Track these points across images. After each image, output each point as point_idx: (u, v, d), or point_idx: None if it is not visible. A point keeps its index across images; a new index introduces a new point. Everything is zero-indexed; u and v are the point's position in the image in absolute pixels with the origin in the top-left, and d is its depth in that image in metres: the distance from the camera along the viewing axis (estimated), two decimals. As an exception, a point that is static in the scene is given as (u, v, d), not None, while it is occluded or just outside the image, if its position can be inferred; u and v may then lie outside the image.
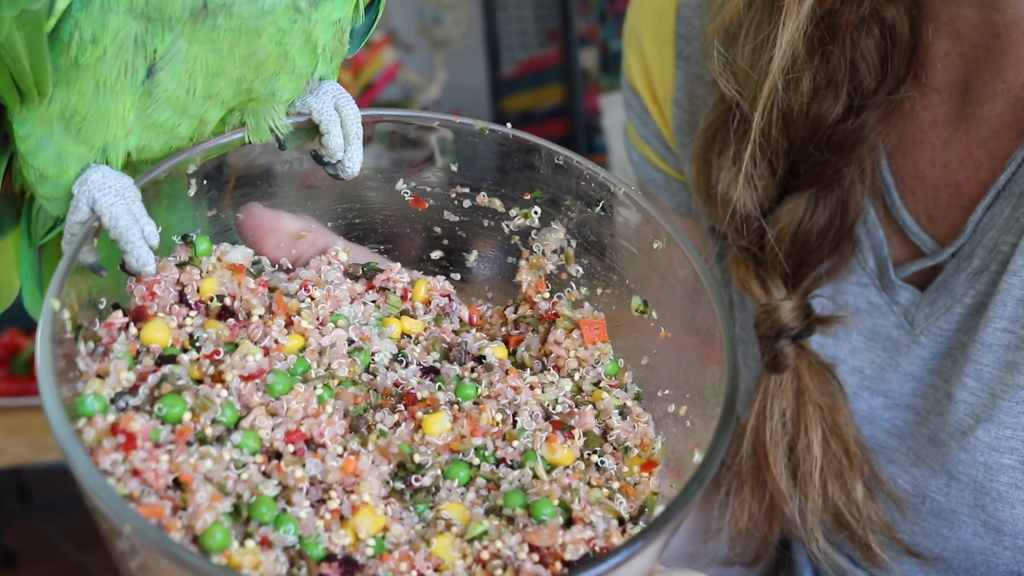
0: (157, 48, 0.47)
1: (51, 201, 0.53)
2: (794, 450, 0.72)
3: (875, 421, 0.75)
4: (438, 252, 0.59)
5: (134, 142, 0.51)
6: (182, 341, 0.49)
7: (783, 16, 0.65)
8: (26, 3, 0.45)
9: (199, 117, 0.51)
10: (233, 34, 0.48)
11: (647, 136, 0.85)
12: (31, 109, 0.50)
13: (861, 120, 0.68)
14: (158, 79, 0.48)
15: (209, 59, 0.48)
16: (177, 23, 0.46)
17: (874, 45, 0.67)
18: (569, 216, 0.57)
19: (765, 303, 0.71)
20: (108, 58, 0.47)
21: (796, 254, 0.70)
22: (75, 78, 0.48)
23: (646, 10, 0.84)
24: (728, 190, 0.70)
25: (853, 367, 0.75)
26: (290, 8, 0.48)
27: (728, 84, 0.69)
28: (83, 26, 0.46)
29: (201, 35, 0.47)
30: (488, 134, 0.57)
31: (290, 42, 0.50)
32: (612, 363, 0.54)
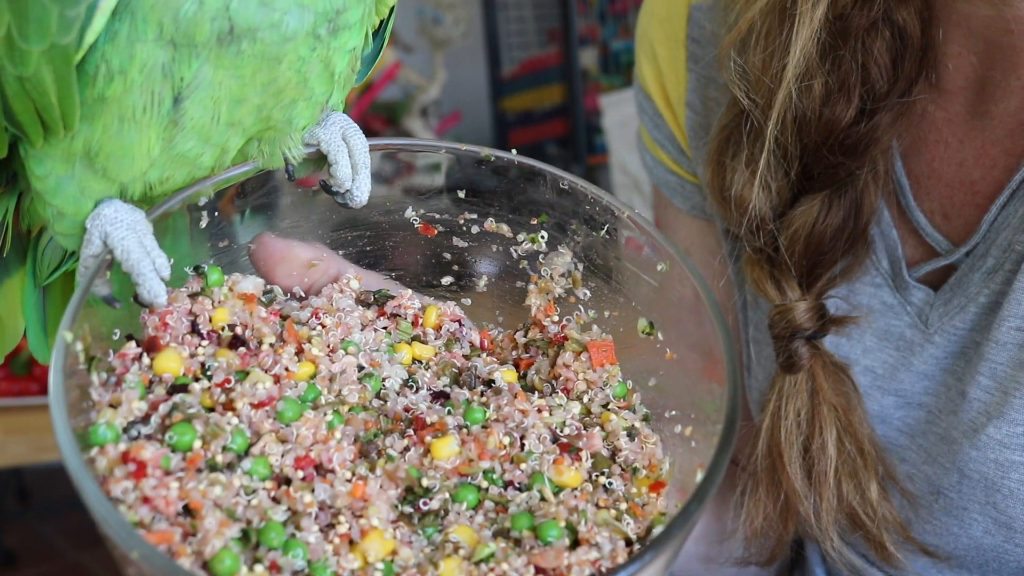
0: (184, 76, 0.48)
1: (66, 237, 0.54)
2: (809, 450, 0.72)
3: (887, 420, 0.75)
4: (448, 278, 0.60)
5: (156, 175, 0.52)
6: (194, 370, 0.49)
7: (796, 24, 0.66)
8: (55, 37, 0.46)
9: (221, 146, 0.52)
10: (256, 60, 0.48)
11: (660, 139, 0.85)
12: (53, 145, 0.50)
13: (874, 122, 0.68)
14: (184, 107, 0.49)
15: (233, 86, 0.49)
16: (204, 49, 0.47)
17: (885, 48, 0.67)
18: (575, 240, 0.58)
19: (780, 304, 0.72)
20: (135, 89, 0.48)
21: (810, 255, 0.71)
22: (100, 112, 0.49)
23: (657, 14, 0.84)
24: (742, 192, 0.71)
25: (865, 367, 0.75)
26: (310, 36, 0.49)
27: (743, 92, 0.70)
28: (110, 58, 0.47)
29: (226, 61, 0.48)
30: (494, 161, 0.58)
31: (309, 69, 0.51)
32: (620, 385, 0.54)
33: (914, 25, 0.67)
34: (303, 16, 0.48)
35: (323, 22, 0.49)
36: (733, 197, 0.71)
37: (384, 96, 2.88)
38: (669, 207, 0.88)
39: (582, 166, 2.93)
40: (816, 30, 0.66)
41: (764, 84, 0.69)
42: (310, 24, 0.49)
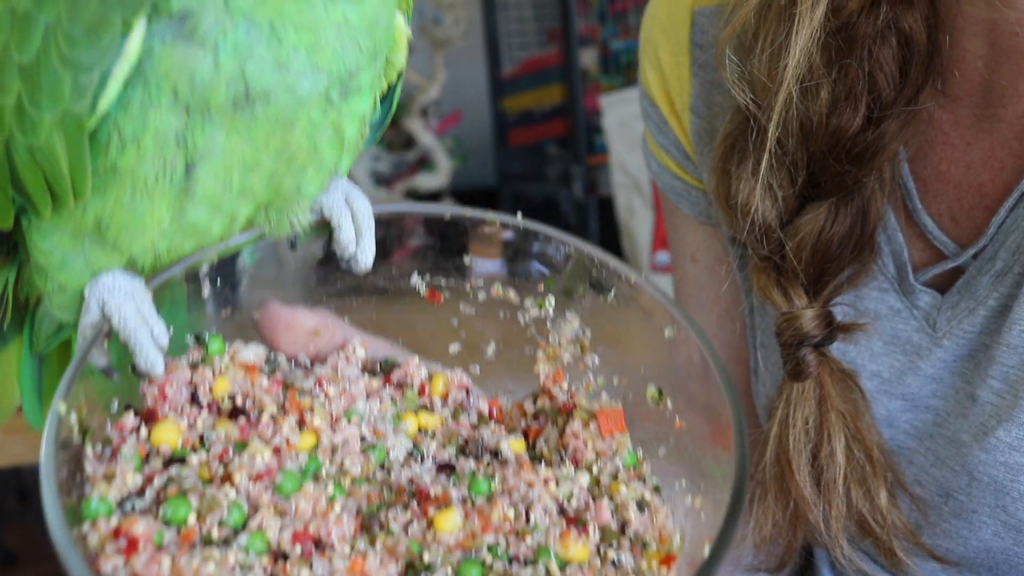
0: (197, 142, 0.47)
1: (64, 309, 0.53)
2: (817, 457, 0.72)
3: (894, 424, 0.75)
4: (456, 345, 0.59)
5: (165, 245, 0.51)
6: (193, 441, 0.49)
7: (796, 24, 0.65)
8: (68, 104, 0.45)
9: (231, 214, 0.51)
10: (269, 124, 0.48)
11: (665, 145, 0.85)
12: (63, 218, 0.50)
13: (881, 130, 0.68)
14: (196, 176, 0.48)
15: (245, 152, 0.49)
16: (218, 114, 0.47)
17: (892, 55, 0.67)
18: (583, 305, 0.57)
19: (787, 312, 0.71)
20: (147, 158, 0.47)
21: (817, 263, 0.70)
22: (112, 182, 0.48)
23: (661, 19, 0.84)
24: (748, 200, 0.70)
25: (872, 372, 0.75)
26: (323, 99, 0.49)
27: (743, 93, 0.70)
28: (122, 126, 0.47)
29: (240, 126, 0.48)
30: (499, 225, 0.57)
31: (320, 134, 0.51)
32: (631, 454, 0.53)
33: (920, 31, 0.67)
34: (316, 78, 0.48)
35: (335, 84, 0.49)
36: (739, 205, 0.71)
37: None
38: (676, 213, 0.87)
39: (582, 166, 2.93)
40: (817, 31, 0.65)
41: (766, 86, 0.68)
42: (323, 86, 0.48)
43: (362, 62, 0.50)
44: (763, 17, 0.68)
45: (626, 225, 2.46)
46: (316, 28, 0.47)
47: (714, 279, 0.85)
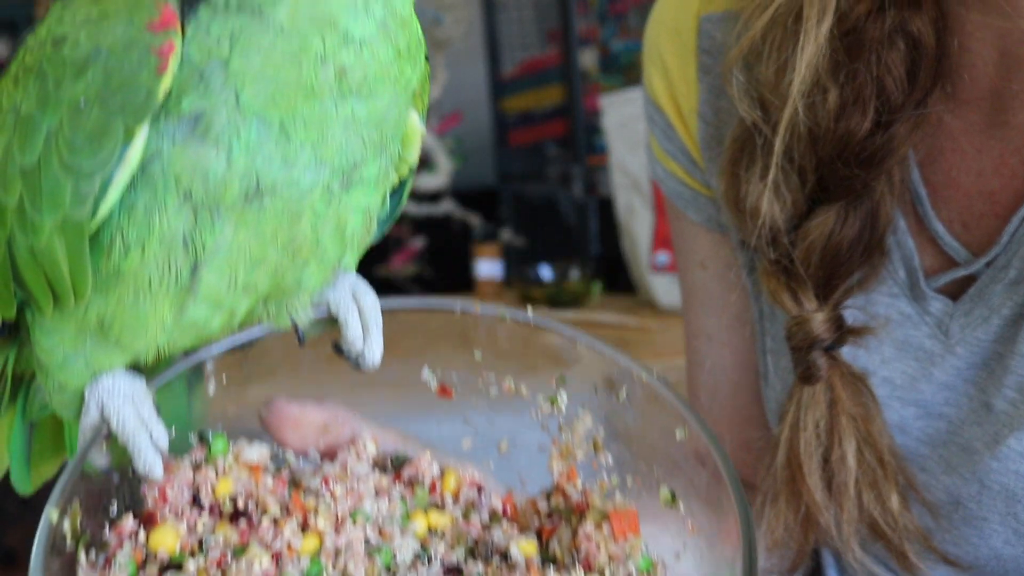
0: (206, 242, 0.47)
1: (64, 407, 0.53)
2: (828, 461, 0.72)
3: (906, 430, 0.75)
4: (468, 440, 0.59)
5: (164, 341, 0.51)
6: (192, 545, 0.48)
7: (801, 40, 0.65)
8: (68, 210, 0.45)
9: (231, 310, 0.51)
10: (275, 218, 0.48)
11: (672, 151, 0.85)
12: (64, 317, 0.49)
13: (890, 134, 0.67)
14: (201, 275, 0.48)
15: (252, 247, 0.48)
16: (227, 210, 0.47)
17: (900, 59, 0.67)
18: (596, 402, 0.57)
19: (797, 315, 0.71)
20: (152, 261, 0.47)
21: (827, 266, 0.70)
22: (115, 284, 0.48)
23: (666, 25, 0.83)
24: (757, 204, 0.70)
25: (884, 377, 0.75)
26: (325, 190, 0.49)
27: (748, 108, 0.69)
28: (126, 230, 0.46)
29: (247, 220, 0.47)
30: (510, 321, 0.57)
31: (323, 227, 0.50)
32: (645, 559, 0.52)
33: (929, 35, 0.67)
34: (319, 171, 0.48)
35: (337, 176, 0.49)
36: (748, 209, 0.71)
37: (384, 96, 2.87)
38: (682, 219, 0.87)
39: (582, 166, 2.93)
40: (822, 45, 0.65)
41: (771, 101, 0.68)
42: (325, 179, 0.48)
43: (367, 155, 0.49)
44: (769, 34, 0.68)
45: (626, 225, 2.46)
46: (324, 124, 0.47)
47: (723, 285, 0.85)
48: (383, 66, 0.47)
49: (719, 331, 0.87)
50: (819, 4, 0.65)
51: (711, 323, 0.87)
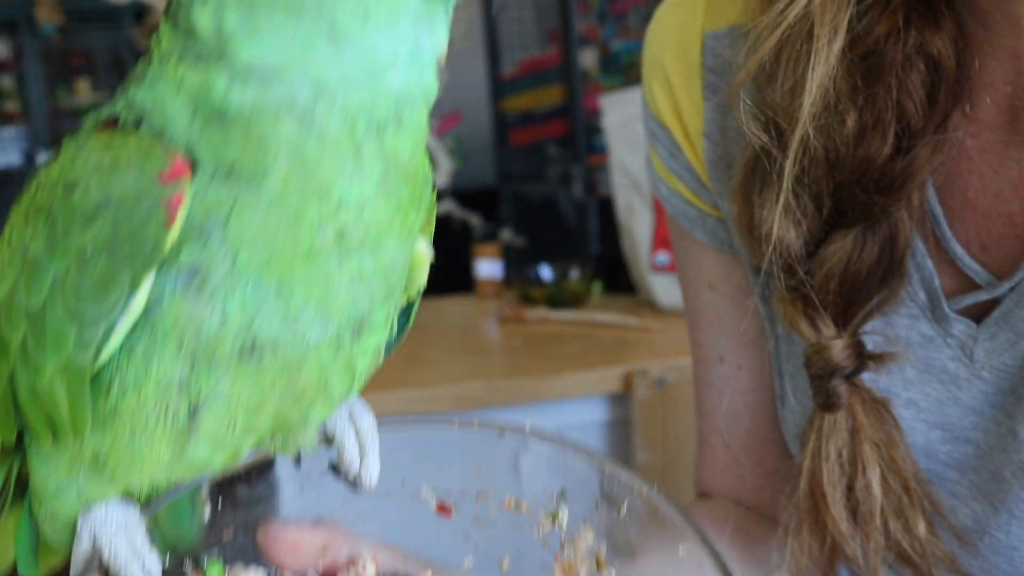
0: (201, 389, 0.47)
1: (55, 534, 0.53)
2: (853, 490, 0.70)
3: (933, 454, 0.73)
4: (469, 558, 0.58)
5: (163, 477, 0.50)
6: None
7: (812, 61, 0.64)
8: (71, 354, 0.45)
9: (235, 449, 0.51)
10: (276, 371, 0.48)
11: (677, 170, 0.82)
12: (61, 448, 0.50)
13: (910, 158, 0.65)
14: (199, 419, 0.48)
15: (251, 396, 0.48)
16: (223, 364, 0.46)
17: (920, 81, 0.65)
18: (597, 517, 0.56)
19: (815, 343, 0.69)
20: (149, 403, 0.47)
21: (845, 293, 0.68)
22: (112, 422, 0.48)
23: (669, 41, 0.81)
24: (772, 230, 0.68)
25: (907, 400, 0.73)
26: (333, 343, 0.48)
27: (758, 131, 0.68)
28: (125, 372, 0.46)
29: (245, 373, 0.47)
30: (507, 436, 0.56)
31: (330, 373, 0.50)
32: None
33: (949, 56, 0.65)
34: (326, 327, 0.47)
35: (347, 329, 0.48)
36: (762, 235, 0.69)
37: (384, 96, 2.87)
38: (688, 239, 0.85)
39: (582, 166, 2.93)
40: (833, 67, 0.63)
41: (782, 124, 0.66)
42: (333, 333, 0.48)
43: (376, 304, 0.49)
44: (779, 55, 0.66)
45: (626, 225, 2.46)
46: (327, 283, 0.46)
47: (735, 307, 0.83)
48: (386, 220, 0.46)
49: (732, 352, 0.85)
50: (831, 23, 0.63)
51: (723, 344, 0.85)
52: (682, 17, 0.80)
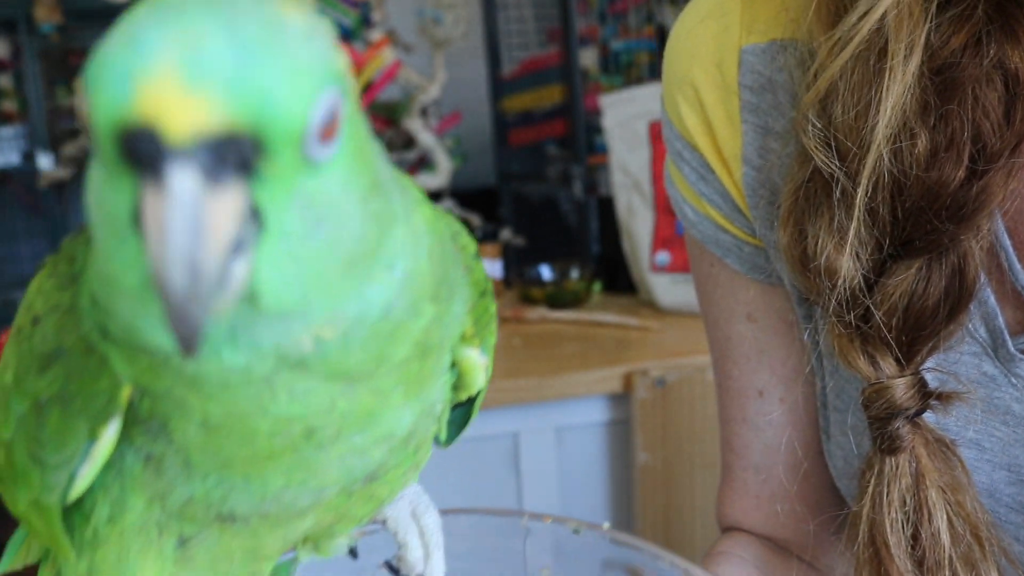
0: (185, 532, 0.44)
1: None
2: (918, 539, 0.65)
3: (996, 496, 0.69)
4: None
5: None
6: None
7: (887, 79, 0.59)
8: (38, 495, 0.43)
9: (248, 571, 0.47)
10: (268, 527, 0.44)
11: (708, 194, 0.76)
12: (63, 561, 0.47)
13: (985, 182, 0.60)
14: (190, 550, 0.45)
15: (244, 541, 0.45)
16: (201, 522, 0.43)
17: (998, 99, 0.60)
18: None
19: (876, 382, 0.65)
20: (130, 535, 0.44)
21: (910, 329, 0.63)
22: (98, 547, 0.45)
23: (700, 56, 0.74)
24: (831, 262, 0.63)
25: (970, 440, 0.68)
26: (342, 493, 0.44)
27: (825, 157, 0.63)
28: (101, 506, 0.44)
29: (231, 532, 0.44)
30: (582, 534, 0.53)
31: (348, 508, 0.46)
32: None
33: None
34: (319, 493, 0.43)
35: (358, 481, 0.44)
36: (819, 267, 0.64)
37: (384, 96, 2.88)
38: (719, 267, 0.79)
39: (582, 166, 2.92)
40: (910, 84, 0.59)
41: (848, 147, 0.61)
42: (332, 493, 0.44)
43: (388, 460, 0.45)
44: (848, 74, 0.61)
45: (626, 225, 2.45)
46: (309, 467, 0.41)
47: (777, 339, 0.78)
48: (371, 404, 0.41)
49: (775, 386, 0.80)
50: (907, 39, 0.59)
51: (764, 378, 0.80)
52: (714, 31, 0.74)
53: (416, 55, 2.86)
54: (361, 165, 0.37)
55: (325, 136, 0.34)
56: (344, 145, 0.35)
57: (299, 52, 0.32)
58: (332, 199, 0.35)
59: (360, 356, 0.39)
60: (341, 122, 0.35)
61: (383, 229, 0.38)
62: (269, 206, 0.33)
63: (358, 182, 0.36)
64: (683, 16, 0.78)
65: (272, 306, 0.35)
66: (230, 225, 0.31)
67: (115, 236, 0.34)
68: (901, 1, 0.59)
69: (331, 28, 0.35)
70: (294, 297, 0.35)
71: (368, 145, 0.38)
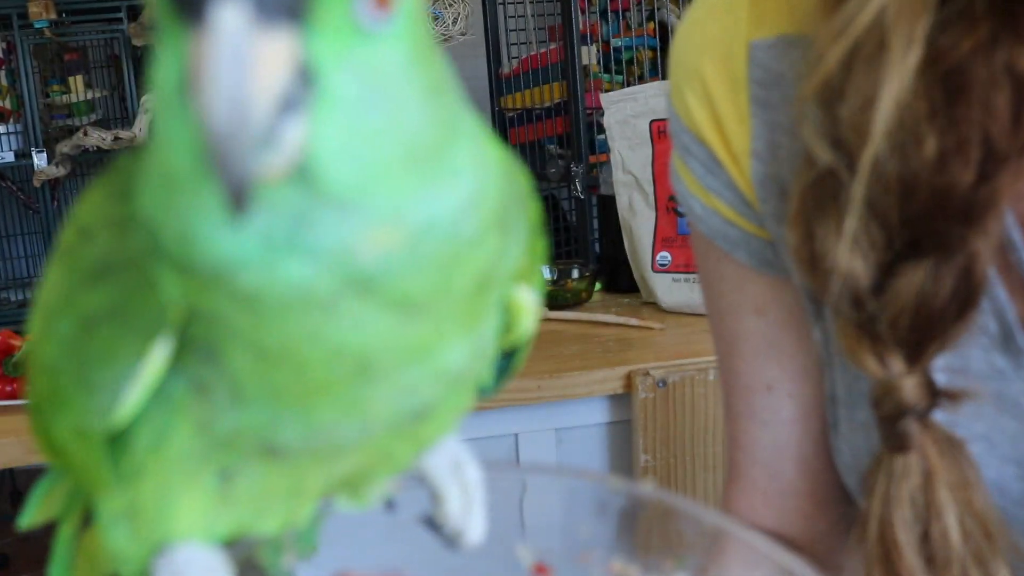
0: (226, 463, 0.43)
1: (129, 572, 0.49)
2: (928, 537, 0.65)
3: (1006, 491, 0.69)
4: None
5: (207, 535, 0.46)
6: None
7: (885, 73, 0.59)
8: (82, 419, 0.42)
9: (287, 510, 0.47)
10: (312, 461, 0.43)
11: (716, 188, 0.76)
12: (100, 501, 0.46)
13: (993, 185, 0.60)
14: (233, 487, 0.44)
15: (288, 480, 0.44)
16: (246, 452, 0.43)
17: (1006, 102, 0.59)
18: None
19: (884, 381, 0.64)
20: (173, 468, 0.43)
21: (918, 328, 0.63)
22: (138, 479, 0.44)
23: (710, 50, 0.75)
24: (839, 263, 0.63)
25: (979, 434, 0.68)
26: (390, 432, 0.43)
27: (825, 151, 0.62)
28: (144, 435, 0.42)
29: (273, 463, 0.43)
30: (621, 492, 0.51)
31: (394, 445, 0.45)
32: None
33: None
34: (366, 430, 0.42)
35: (402, 421, 0.43)
36: (827, 267, 0.64)
37: (382, 93, 2.86)
38: (726, 261, 0.79)
39: (583, 164, 2.90)
40: (909, 80, 0.58)
41: (851, 142, 0.61)
42: (377, 430, 0.43)
43: (437, 398, 0.43)
44: (849, 66, 0.61)
45: (627, 224, 2.43)
46: (357, 403, 0.40)
47: (786, 333, 0.78)
48: (426, 336, 0.39)
49: (783, 381, 0.80)
50: (906, 31, 0.58)
51: (772, 373, 0.80)
52: (723, 24, 0.74)
53: (415, 52, 2.84)
54: (423, 60, 0.35)
55: (382, 2, 0.33)
56: (403, 28, 0.34)
57: None
58: (391, 75, 0.34)
59: (425, 280, 0.37)
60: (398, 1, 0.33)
61: (448, 135, 0.36)
62: (323, 65, 0.32)
63: (420, 73, 0.35)
64: (692, 10, 0.79)
65: (330, 184, 0.33)
66: (280, 71, 0.30)
67: (167, 109, 0.33)
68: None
69: None
70: (354, 177, 0.33)
71: (432, 53, 0.37)
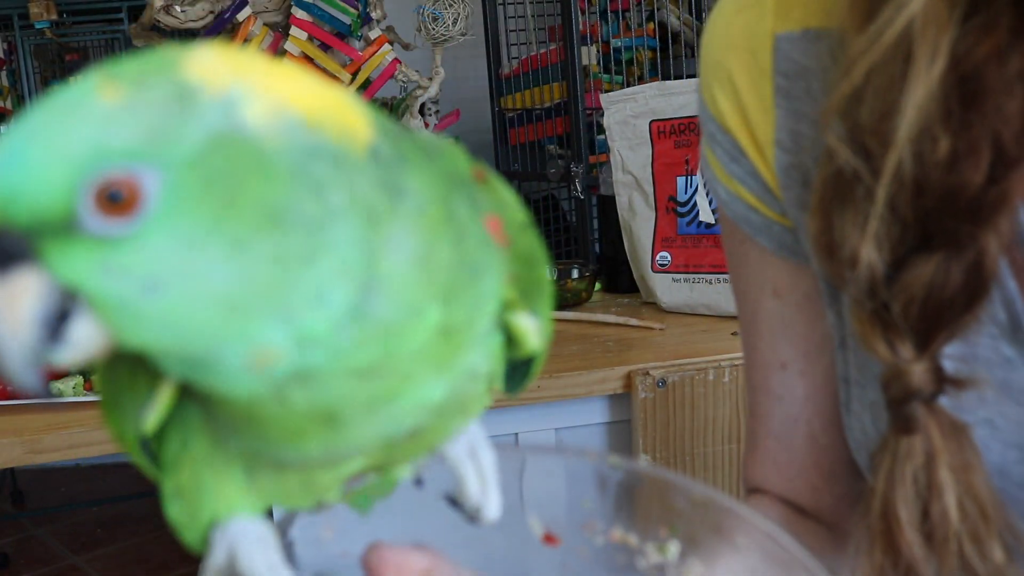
0: (247, 466, 0.48)
1: (192, 541, 0.53)
2: (928, 515, 0.68)
3: (1007, 475, 0.71)
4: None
5: (262, 507, 0.51)
6: None
7: (909, 83, 0.60)
8: (121, 427, 0.48)
9: (311, 498, 0.51)
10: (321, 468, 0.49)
11: (739, 175, 0.80)
12: None
13: (1003, 187, 0.62)
14: (257, 481, 0.49)
15: (302, 481, 0.49)
16: (260, 465, 0.47)
17: (1018, 108, 0.61)
18: (708, 551, 0.54)
19: (893, 365, 0.67)
20: (200, 464, 0.48)
21: (928, 318, 0.65)
22: (178, 469, 0.49)
23: (735, 43, 0.78)
24: (855, 253, 0.65)
25: (983, 419, 0.70)
26: (386, 446, 0.47)
27: (849, 155, 0.64)
28: (172, 441, 0.48)
29: (286, 472, 0.48)
30: (620, 468, 0.55)
31: (396, 453, 0.50)
32: None
33: None
34: (361, 449, 0.47)
35: (394, 439, 0.47)
36: (844, 257, 0.66)
37: (382, 94, 2.86)
38: (748, 244, 0.83)
39: (583, 164, 2.90)
40: (933, 89, 0.60)
41: (873, 146, 0.63)
42: (374, 446, 0.47)
43: (429, 424, 0.47)
44: (873, 76, 0.63)
45: (627, 224, 2.43)
46: (344, 437, 0.45)
47: (801, 315, 0.81)
48: (397, 381, 0.43)
49: (796, 360, 0.84)
50: (931, 43, 0.60)
51: (787, 352, 0.84)
52: (748, 18, 0.77)
53: (415, 52, 2.85)
54: (217, 224, 0.37)
55: (115, 211, 0.35)
56: (168, 214, 0.36)
57: (68, 137, 0.34)
58: (161, 263, 0.36)
59: (359, 357, 0.40)
60: (153, 193, 0.35)
61: (291, 267, 0.38)
62: (80, 279, 0.36)
63: (218, 236, 0.37)
64: (719, 4, 0.82)
65: (169, 351, 0.38)
66: (27, 305, 0.35)
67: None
68: (928, 6, 0.60)
69: (165, 97, 0.35)
70: (179, 344, 0.38)
71: (244, 201, 0.38)
